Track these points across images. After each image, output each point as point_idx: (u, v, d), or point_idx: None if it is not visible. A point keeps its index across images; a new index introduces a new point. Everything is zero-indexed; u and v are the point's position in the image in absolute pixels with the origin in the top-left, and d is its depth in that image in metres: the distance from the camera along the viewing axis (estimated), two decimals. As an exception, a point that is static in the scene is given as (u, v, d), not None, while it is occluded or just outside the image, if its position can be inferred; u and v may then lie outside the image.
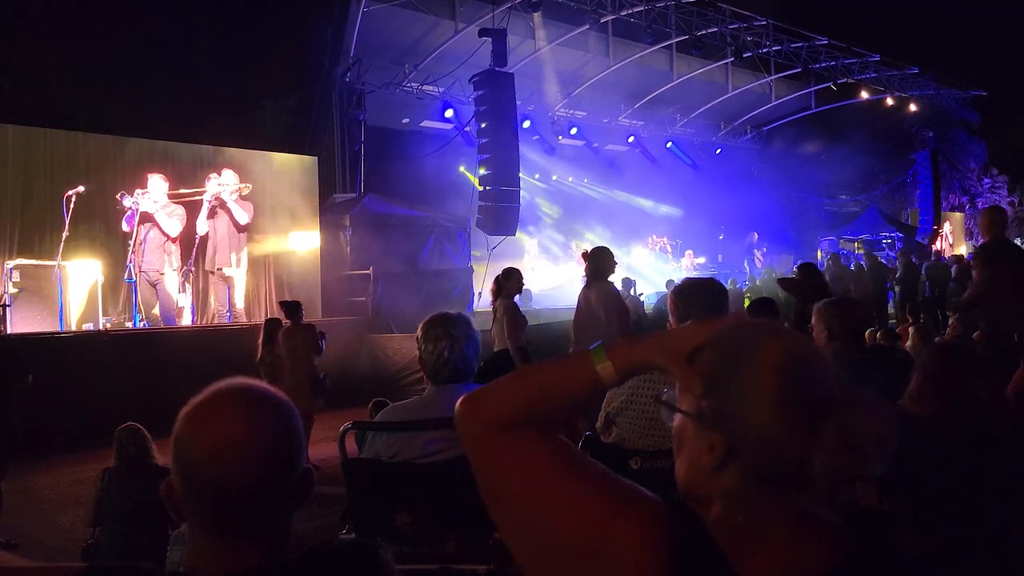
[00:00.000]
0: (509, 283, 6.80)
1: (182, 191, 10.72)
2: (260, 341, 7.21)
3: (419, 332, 2.67)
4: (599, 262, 6.20)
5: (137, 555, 3.92)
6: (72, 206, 9.71)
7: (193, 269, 10.97)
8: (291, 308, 7.28)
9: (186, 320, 10.85)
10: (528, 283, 16.37)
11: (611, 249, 6.47)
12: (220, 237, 10.98)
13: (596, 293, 6.14)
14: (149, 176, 10.61)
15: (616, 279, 10.60)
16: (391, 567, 1.23)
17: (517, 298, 7.22)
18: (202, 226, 10.78)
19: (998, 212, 5.98)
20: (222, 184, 10.88)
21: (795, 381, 0.98)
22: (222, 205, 10.90)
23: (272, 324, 7.35)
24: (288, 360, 6.97)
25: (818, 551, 1.00)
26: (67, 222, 9.68)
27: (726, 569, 0.99)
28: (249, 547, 1.14)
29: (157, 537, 4.00)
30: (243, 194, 11.08)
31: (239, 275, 11.28)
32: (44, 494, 6.54)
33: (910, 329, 7.69)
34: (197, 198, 10.79)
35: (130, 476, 4.22)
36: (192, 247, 10.81)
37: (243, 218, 11.04)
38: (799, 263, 6.71)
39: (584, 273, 6.38)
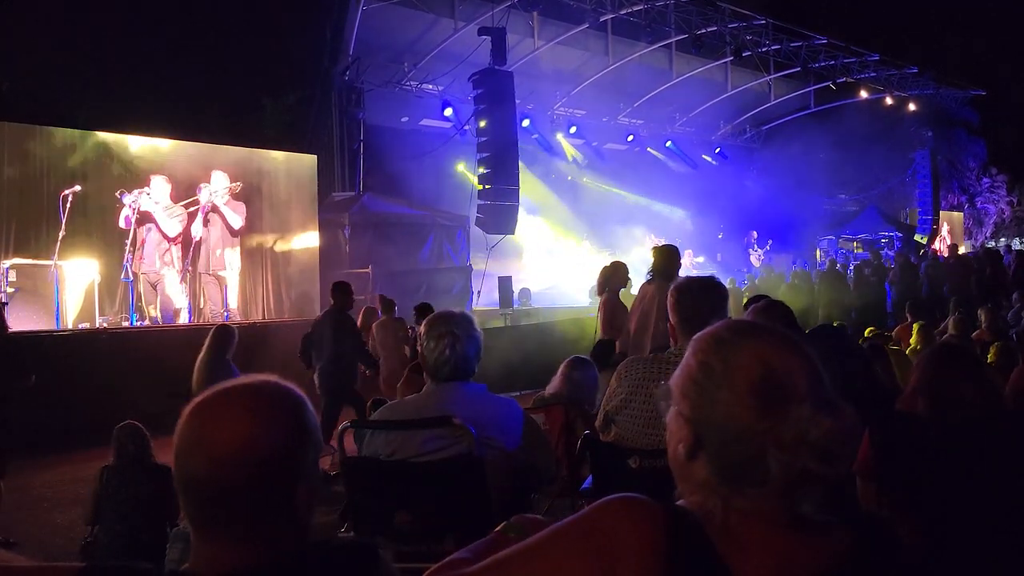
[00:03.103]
0: (615, 278, 6.79)
1: (179, 204, 10.75)
2: (360, 326, 8.06)
3: (421, 329, 2.67)
4: (666, 260, 6.04)
5: (136, 553, 3.92)
6: (69, 205, 9.70)
7: (190, 269, 10.98)
8: (387, 304, 8.10)
9: (183, 320, 10.86)
10: (526, 282, 16.44)
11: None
12: (213, 239, 11.00)
13: (654, 291, 5.95)
14: (152, 177, 10.62)
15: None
16: (391, 567, 1.23)
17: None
18: (197, 231, 10.81)
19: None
20: (213, 191, 10.89)
21: (758, 381, 1.02)
22: (215, 209, 10.91)
23: (369, 313, 8.19)
24: (380, 350, 7.72)
25: (814, 552, 1.02)
26: (64, 221, 9.67)
27: (723, 568, 1.00)
28: (240, 544, 1.14)
29: (156, 535, 4.00)
30: (235, 193, 11.09)
31: (232, 276, 11.29)
32: (43, 492, 6.54)
33: (913, 327, 7.68)
34: (192, 209, 10.81)
35: (129, 475, 4.22)
36: (188, 248, 10.83)
37: (236, 222, 11.05)
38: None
39: (650, 269, 6.16)
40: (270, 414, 1.16)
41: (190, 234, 10.80)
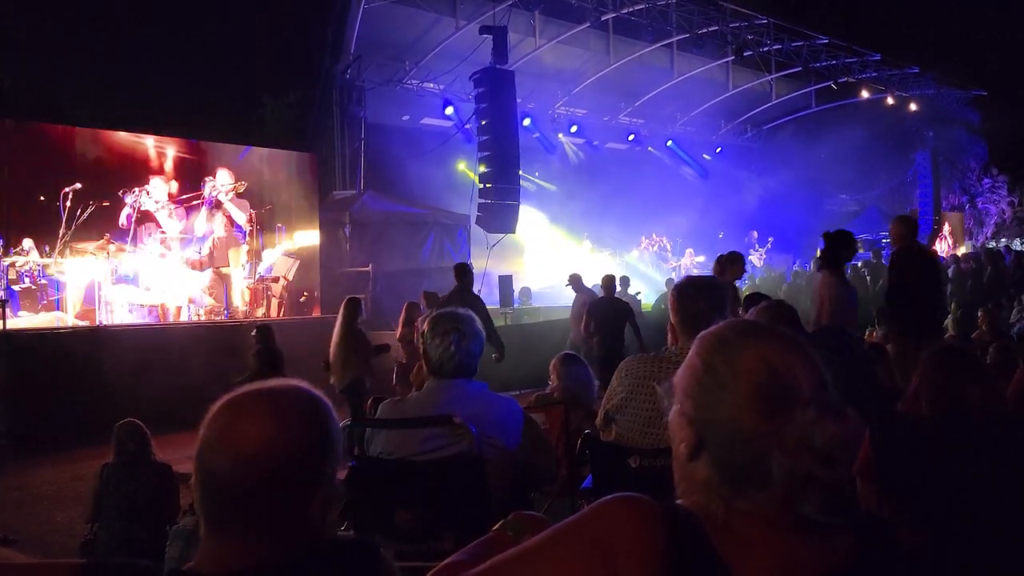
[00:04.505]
0: (734, 267, 6.83)
1: (181, 197, 10.76)
2: (401, 321, 8.29)
3: (425, 327, 2.68)
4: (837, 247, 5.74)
5: (135, 551, 3.92)
6: (69, 203, 9.70)
7: (192, 268, 10.98)
8: (431, 298, 8.32)
9: (184, 318, 10.86)
10: (527, 281, 16.44)
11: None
12: (217, 237, 11.00)
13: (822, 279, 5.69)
14: (152, 178, 10.63)
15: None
16: (391, 565, 1.23)
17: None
18: (200, 226, 10.81)
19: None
20: (217, 186, 10.90)
21: (762, 383, 1.01)
22: (218, 205, 10.92)
23: (412, 308, 8.24)
24: None
25: (815, 553, 1.01)
26: (64, 219, 9.68)
27: (723, 569, 1.00)
28: (242, 543, 1.14)
29: (155, 533, 4.00)
30: (239, 192, 11.10)
31: (236, 273, 11.29)
32: (43, 490, 6.54)
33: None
34: (195, 202, 10.82)
35: (129, 473, 4.22)
36: (190, 247, 10.83)
37: (240, 218, 11.07)
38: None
39: (819, 256, 5.98)
40: (297, 419, 1.17)
41: (192, 230, 10.80)
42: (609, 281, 9.30)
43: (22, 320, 9.42)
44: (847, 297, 5.50)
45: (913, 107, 21.79)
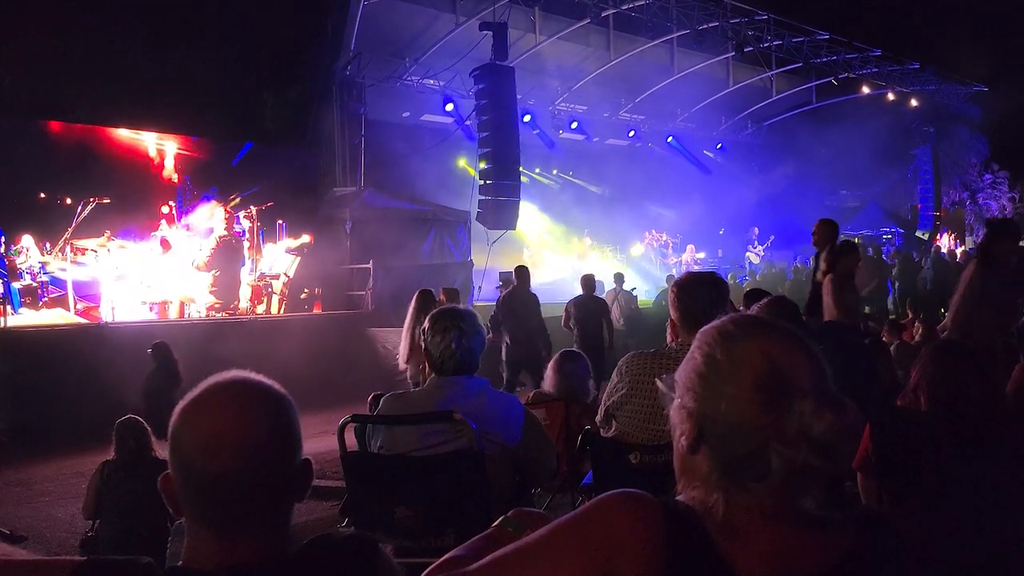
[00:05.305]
0: (848, 259, 6.15)
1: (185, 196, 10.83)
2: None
3: (426, 324, 2.69)
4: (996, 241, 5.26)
5: (137, 548, 3.91)
6: (86, 212, 9.75)
7: (194, 265, 11.01)
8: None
9: (186, 315, 10.87)
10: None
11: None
12: (219, 235, 11.03)
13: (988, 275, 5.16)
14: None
15: (608, 275, 10.96)
16: (390, 560, 1.23)
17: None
18: (203, 225, 10.86)
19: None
20: (221, 198, 10.97)
21: (762, 376, 1.02)
22: (223, 205, 10.97)
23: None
24: None
25: (814, 548, 1.02)
26: (75, 223, 9.72)
27: (722, 564, 1.00)
28: (246, 540, 1.13)
29: (157, 530, 4.00)
30: (242, 193, 11.15)
31: (240, 271, 11.32)
32: (44, 487, 6.55)
33: (916, 323, 7.70)
34: (200, 202, 10.88)
35: (130, 469, 4.22)
36: (192, 244, 10.86)
37: (245, 223, 11.12)
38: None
39: (979, 248, 5.53)
40: (280, 406, 1.18)
41: (194, 228, 10.84)
42: (588, 280, 9.80)
43: (23, 318, 9.43)
44: (989, 291, 5.04)
45: (914, 103, 21.77)
